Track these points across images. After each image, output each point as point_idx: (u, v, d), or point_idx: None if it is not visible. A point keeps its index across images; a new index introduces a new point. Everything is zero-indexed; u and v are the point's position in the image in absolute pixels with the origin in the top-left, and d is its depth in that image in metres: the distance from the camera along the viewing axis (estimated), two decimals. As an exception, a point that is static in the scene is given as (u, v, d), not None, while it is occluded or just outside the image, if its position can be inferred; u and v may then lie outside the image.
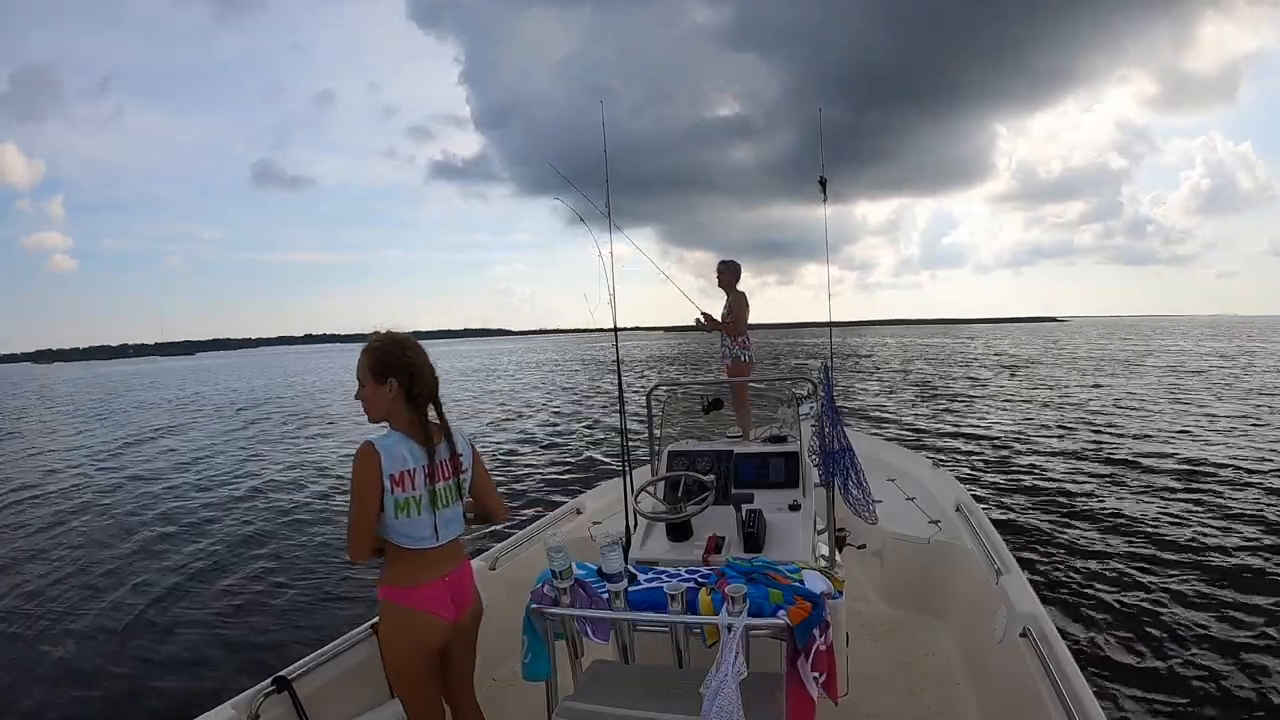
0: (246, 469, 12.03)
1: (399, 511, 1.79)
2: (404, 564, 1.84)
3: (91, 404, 30.07)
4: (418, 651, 1.86)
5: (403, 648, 1.86)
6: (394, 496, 1.78)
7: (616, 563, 1.87)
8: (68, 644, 5.00)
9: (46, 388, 49.33)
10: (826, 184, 4.18)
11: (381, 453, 1.76)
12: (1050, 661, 2.03)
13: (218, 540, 7.51)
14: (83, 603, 5.82)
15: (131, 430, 18.68)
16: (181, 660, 4.68)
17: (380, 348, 1.84)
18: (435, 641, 1.89)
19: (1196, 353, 32.81)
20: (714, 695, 1.52)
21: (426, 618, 1.85)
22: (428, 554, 1.85)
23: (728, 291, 4.82)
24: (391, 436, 1.82)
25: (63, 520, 8.83)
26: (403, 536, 1.81)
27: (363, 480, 1.75)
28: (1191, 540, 5.91)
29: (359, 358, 1.85)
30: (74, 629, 5.27)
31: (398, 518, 1.79)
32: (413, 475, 1.81)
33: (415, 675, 1.89)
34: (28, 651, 4.94)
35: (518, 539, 3.41)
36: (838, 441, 2.81)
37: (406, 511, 1.80)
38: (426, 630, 1.86)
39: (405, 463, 1.80)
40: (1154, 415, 13.13)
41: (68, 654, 4.84)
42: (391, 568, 1.85)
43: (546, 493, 8.97)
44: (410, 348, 1.86)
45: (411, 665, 1.87)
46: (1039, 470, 8.88)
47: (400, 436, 1.83)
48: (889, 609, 3.52)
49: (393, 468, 1.77)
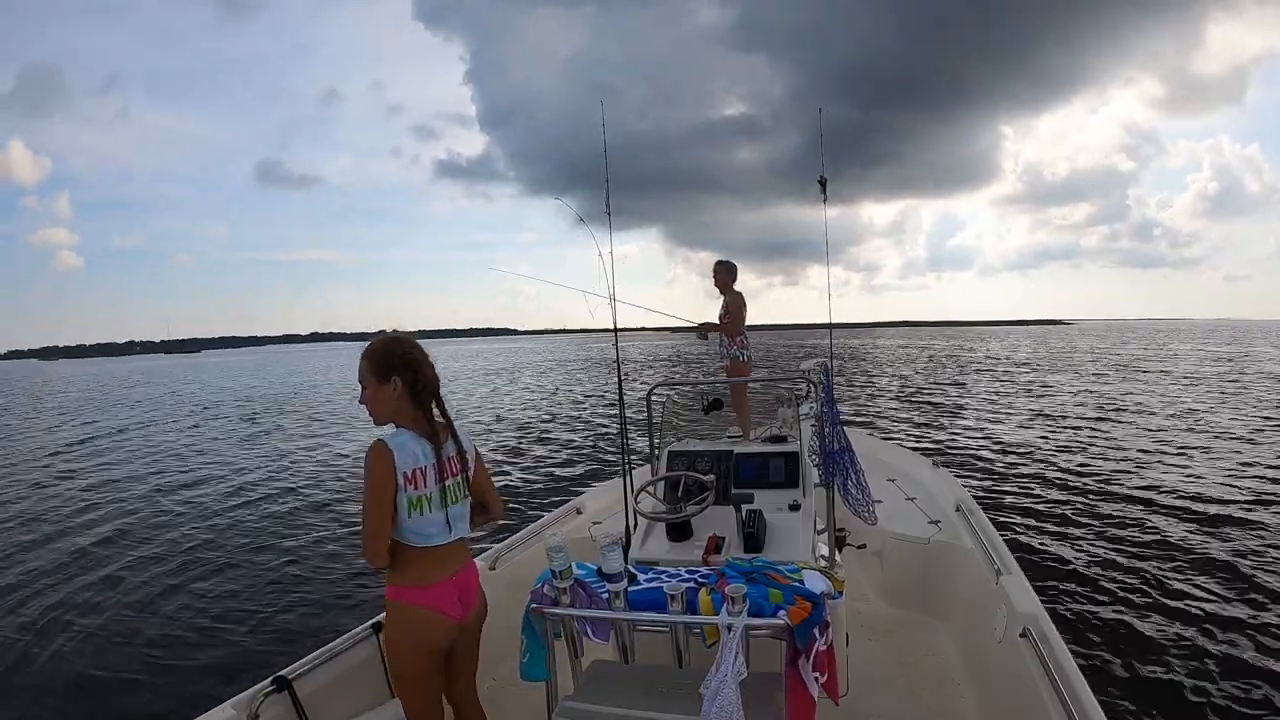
0: (246, 469, 12.03)
1: (412, 510, 1.79)
2: (415, 563, 1.84)
3: (93, 399, 30.09)
4: (425, 651, 1.86)
5: (411, 647, 1.86)
6: (408, 494, 1.77)
7: (616, 563, 1.87)
8: (66, 644, 5.00)
9: (46, 384, 49.37)
10: (827, 184, 4.22)
11: (395, 451, 1.76)
12: (1050, 661, 2.03)
13: (217, 540, 7.51)
14: (81, 603, 5.82)
15: (129, 425, 18.69)
16: (181, 660, 4.68)
17: (381, 348, 1.85)
18: (443, 641, 1.89)
19: (1198, 356, 32.77)
20: (714, 695, 1.52)
21: (435, 617, 1.85)
22: (438, 552, 1.85)
23: (724, 292, 4.88)
24: (402, 435, 1.82)
25: (61, 521, 8.83)
26: (416, 535, 1.81)
27: (378, 479, 1.75)
28: (1192, 540, 5.92)
29: (360, 362, 1.85)
30: (72, 629, 5.27)
31: (411, 516, 1.79)
32: (424, 473, 1.81)
33: (420, 675, 1.89)
34: (27, 652, 4.94)
35: (518, 539, 3.41)
36: (837, 441, 2.81)
37: (420, 509, 1.80)
38: (435, 629, 1.86)
39: (417, 460, 1.80)
40: (1155, 417, 13.13)
41: (67, 655, 4.84)
42: (401, 568, 1.84)
43: (546, 493, 8.97)
44: (411, 346, 1.87)
45: (417, 665, 1.87)
46: (1039, 470, 8.88)
47: (411, 435, 1.83)
48: (889, 609, 3.52)
49: (406, 465, 1.77)
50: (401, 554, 1.84)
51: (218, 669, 4.49)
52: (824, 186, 4.21)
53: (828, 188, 4.22)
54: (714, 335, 5.03)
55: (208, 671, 4.47)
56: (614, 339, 3.72)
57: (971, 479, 8.26)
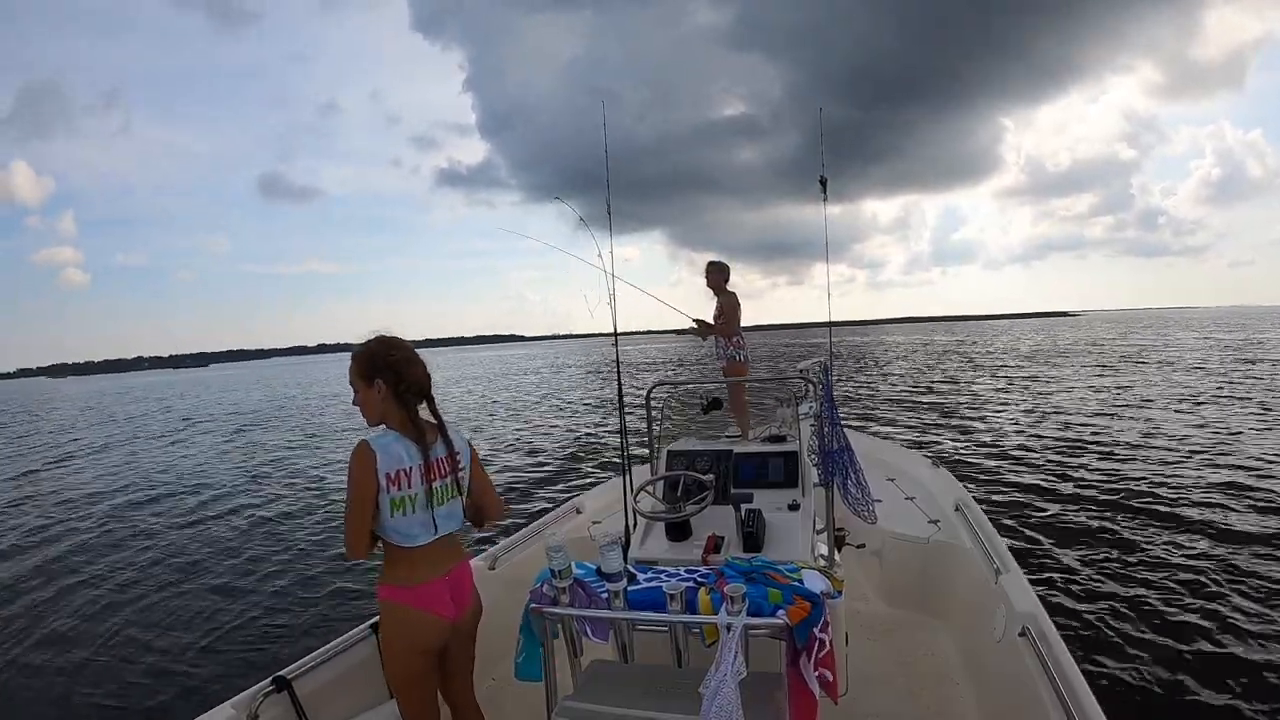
0: (246, 471, 12.03)
1: (394, 510, 1.79)
2: (403, 563, 1.84)
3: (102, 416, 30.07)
4: (418, 651, 1.86)
5: (403, 648, 1.86)
6: (390, 495, 1.78)
7: (616, 562, 1.86)
8: (66, 645, 5.01)
9: (50, 402, 49.33)
10: (827, 183, 4.25)
11: (377, 451, 1.77)
12: (1049, 661, 2.03)
13: (217, 540, 7.52)
14: (81, 604, 5.82)
15: (134, 435, 18.68)
16: (181, 660, 4.68)
17: (365, 351, 1.86)
18: (435, 641, 1.89)
19: (1203, 346, 32.60)
20: (713, 695, 1.52)
21: (427, 617, 1.85)
22: (427, 551, 1.85)
23: (718, 293, 4.86)
24: (388, 435, 1.83)
25: (60, 522, 8.83)
26: (399, 534, 1.82)
27: (358, 479, 1.77)
28: (1193, 540, 5.91)
29: (352, 364, 1.86)
30: (72, 630, 5.28)
31: (393, 516, 1.80)
32: (409, 473, 1.81)
33: (414, 675, 1.89)
34: (26, 652, 4.94)
35: (517, 539, 3.41)
36: (837, 441, 2.81)
37: (402, 509, 1.81)
38: (427, 629, 1.86)
39: (401, 461, 1.81)
40: (1156, 414, 13.13)
41: (66, 655, 4.85)
42: (391, 568, 1.86)
43: (546, 492, 8.98)
44: (396, 347, 1.88)
45: (411, 665, 1.87)
46: (1039, 469, 8.88)
47: (396, 435, 1.83)
48: (888, 608, 3.52)
49: (388, 466, 1.78)
50: (390, 553, 1.85)
51: (218, 669, 4.49)
52: (824, 186, 4.26)
53: (828, 187, 4.27)
54: (711, 337, 5.03)
55: (208, 671, 4.47)
56: (614, 340, 3.73)
57: (971, 478, 8.26)
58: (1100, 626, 4.38)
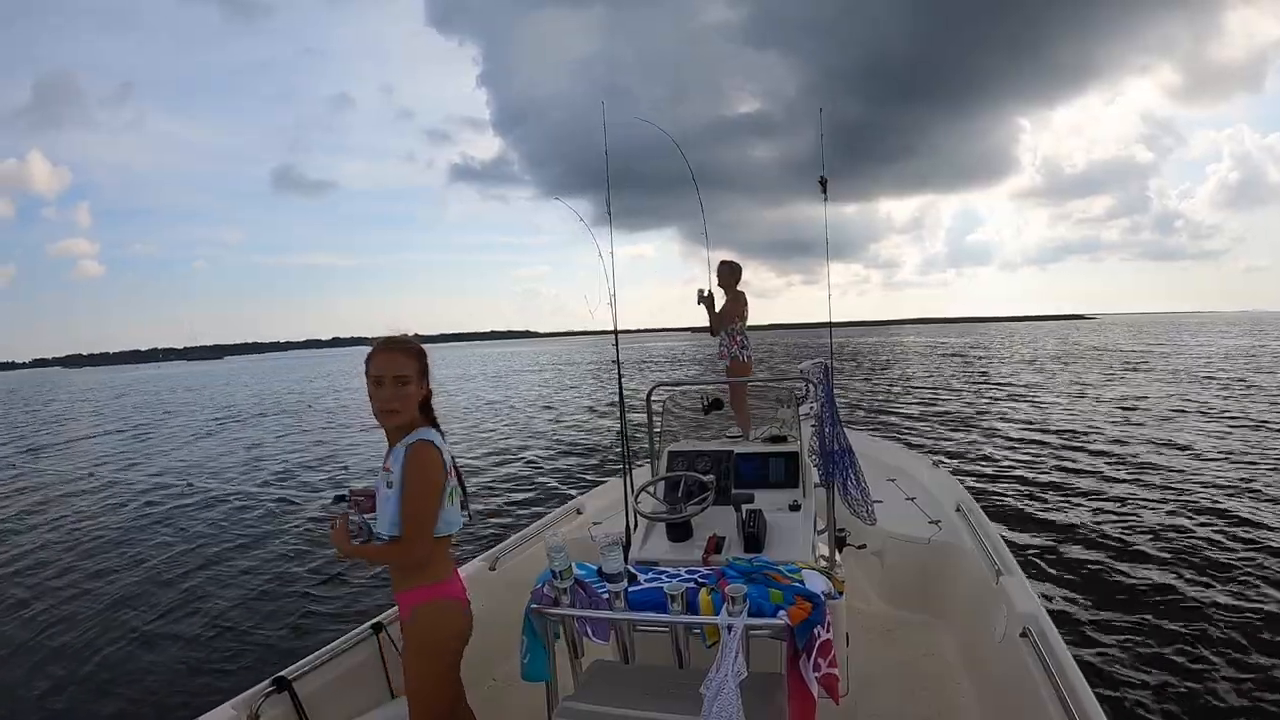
0: (245, 470, 12.04)
1: (448, 501, 1.87)
2: (441, 556, 1.90)
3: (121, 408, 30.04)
4: (464, 640, 1.91)
5: (454, 647, 1.89)
6: (448, 486, 1.87)
7: (616, 563, 1.87)
8: (66, 645, 5.00)
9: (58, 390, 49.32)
10: (827, 183, 4.35)
11: (441, 449, 1.86)
12: (1050, 661, 2.03)
13: (217, 540, 7.51)
14: (80, 604, 5.82)
15: (134, 430, 18.69)
16: (181, 660, 4.68)
17: (424, 351, 1.94)
18: (470, 628, 1.94)
19: (1216, 352, 32.43)
20: (714, 695, 1.52)
21: (464, 605, 1.92)
22: (447, 541, 1.91)
23: (727, 291, 5.14)
24: (432, 431, 1.89)
25: (58, 522, 8.83)
26: (448, 524, 1.88)
27: (436, 482, 1.83)
28: (1194, 540, 5.91)
29: (408, 358, 1.86)
30: (72, 630, 5.27)
31: (444, 507, 1.86)
32: (450, 466, 1.90)
33: (452, 669, 1.91)
34: (26, 653, 4.94)
35: (518, 539, 3.41)
36: (838, 441, 2.81)
37: (452, 500, 1.89)
38: (468, 620, 1.92)
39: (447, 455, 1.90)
40: (1158, 415, 13.12)
41: (66, 655, 4.84)
42: (433, 564, 1.88)
43: (546, 493, 8.98)
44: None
45: (453, 662, 1.90)
46: (1039, 470, 8.87)
47: (436, 432, 1.90)
48: (889, 609, 3.52)
49: (448, 462, 1.88)
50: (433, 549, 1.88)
51: (218, 669, 4.49)
52: (824, 186, 4.37)
53: (828, 187, 4.38)
54: (718, 335, 5.23)
55: (208, 672, 4.47)
56: (614, 340, 3.74)
57: (972, 479, 8.25)
58: (1101, 627, 4.38)
